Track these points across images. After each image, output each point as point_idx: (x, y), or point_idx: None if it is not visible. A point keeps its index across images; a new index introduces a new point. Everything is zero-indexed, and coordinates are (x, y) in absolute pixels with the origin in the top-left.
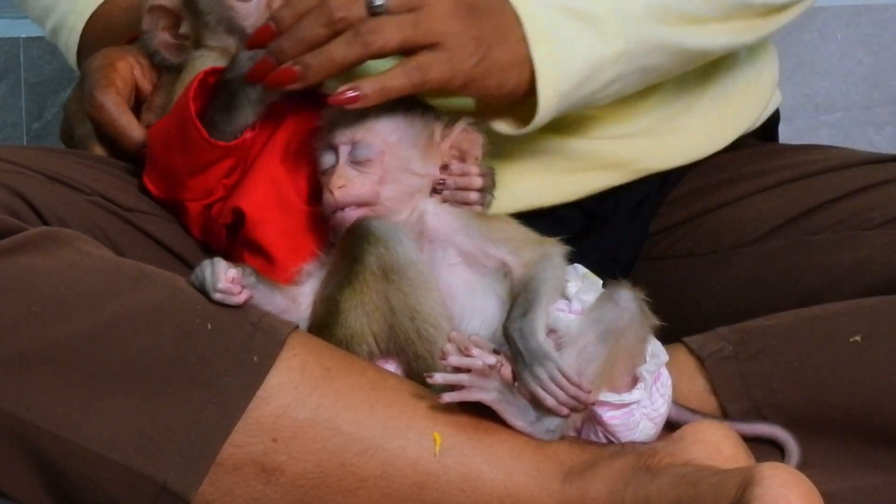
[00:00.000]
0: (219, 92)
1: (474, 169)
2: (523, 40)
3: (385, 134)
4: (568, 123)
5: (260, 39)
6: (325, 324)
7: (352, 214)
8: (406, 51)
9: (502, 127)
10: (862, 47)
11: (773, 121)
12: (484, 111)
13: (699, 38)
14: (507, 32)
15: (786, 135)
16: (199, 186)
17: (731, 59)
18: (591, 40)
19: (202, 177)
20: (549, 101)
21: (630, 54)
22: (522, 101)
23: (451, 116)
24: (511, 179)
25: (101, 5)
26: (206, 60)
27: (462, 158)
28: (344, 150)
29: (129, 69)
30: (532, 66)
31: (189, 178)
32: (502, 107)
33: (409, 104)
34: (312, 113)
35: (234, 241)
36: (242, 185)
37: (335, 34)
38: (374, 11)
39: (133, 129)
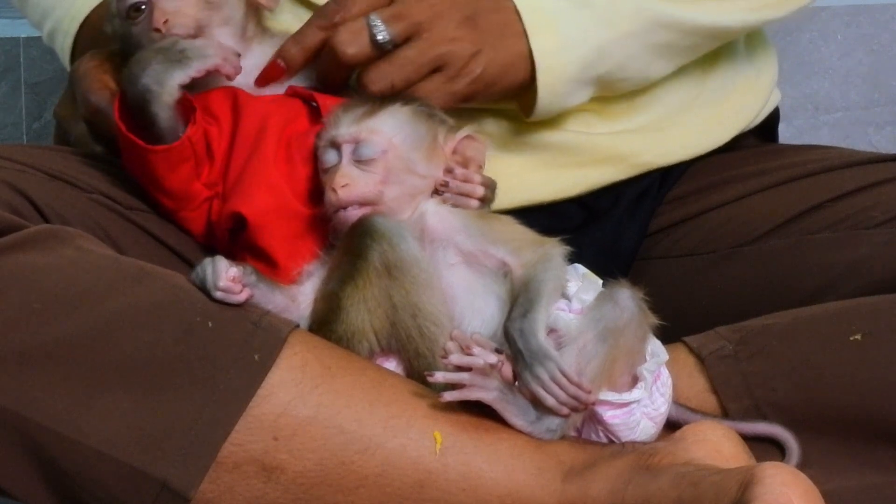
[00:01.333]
0: (129, 104)
1: (477, 177)
2: (523, 34)
3: (389, 134)
4: (567, 118)
5: (269, 79)
6: (326, 320)
7: (354, 214)
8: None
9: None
10: (862, 47)
11: (772, 120)
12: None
13: (714, 15)
14: (506, 30)
15: (786, 135)
16: (175, 195)
17: (729, 57)
18: (593, 24)
19: (172, 184)
20: (551, 90)
21: (637, 35)
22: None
23: (457, 121)
24: (510, 174)
25: (94, 9)
26: None
27: (465, 165)
28: (347, 149)
29: (118, 69)
30: (533, 59)
31: (161, 191)
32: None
33: (415, 106)
34: (297, 112)
35: (235, 244)
36: (241, 189)
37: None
38: (380, 46)
39: None
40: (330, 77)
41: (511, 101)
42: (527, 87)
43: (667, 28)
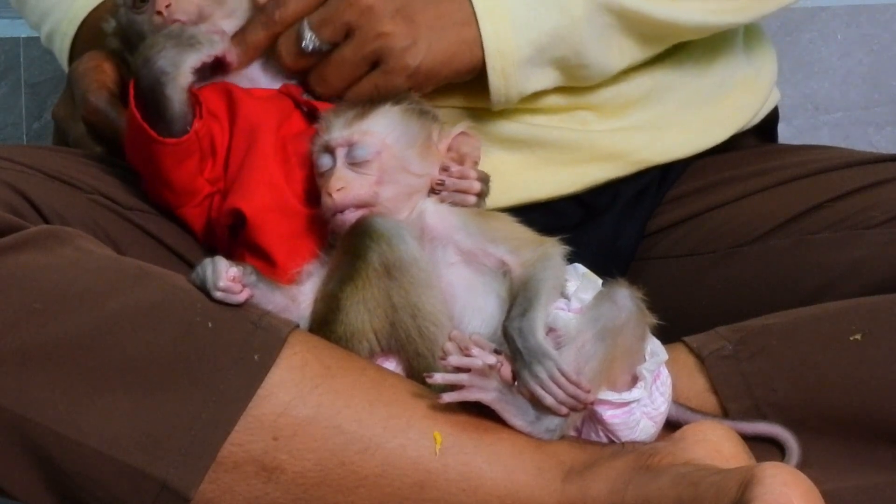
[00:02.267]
0: (141, 96)
1: (473, 173)
2: (472, 21)
3: (381, 134)
4: (565, 116)
5: (217, 74)
6: (325, 320)
7: (351, 216)
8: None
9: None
10: (862, 47)
11: (772, 120)
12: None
13: (671, 10)
14: (448, 19)
15: (786, 135)
16: (179, 190)
17: (728, 55)
18: (545, 9)
19: (177, 179)
20: (502, 73)
21: (591, 21)
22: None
23: (450, 119)
24: (508, 172)
25: (93, 11)
26: None
27: (461, 162)
28: (341, 153)
29: (116, 69)
30: (482, 45)
31: (166, 185)
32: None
33: (406, 105)
34: (289, 112)
35: (234, 241)
36: (240, 185)
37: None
38: (312, 53)
39: None
40: (292, 73)
41: (477, 99)
42: (477, 73)
43: (621, 18)
